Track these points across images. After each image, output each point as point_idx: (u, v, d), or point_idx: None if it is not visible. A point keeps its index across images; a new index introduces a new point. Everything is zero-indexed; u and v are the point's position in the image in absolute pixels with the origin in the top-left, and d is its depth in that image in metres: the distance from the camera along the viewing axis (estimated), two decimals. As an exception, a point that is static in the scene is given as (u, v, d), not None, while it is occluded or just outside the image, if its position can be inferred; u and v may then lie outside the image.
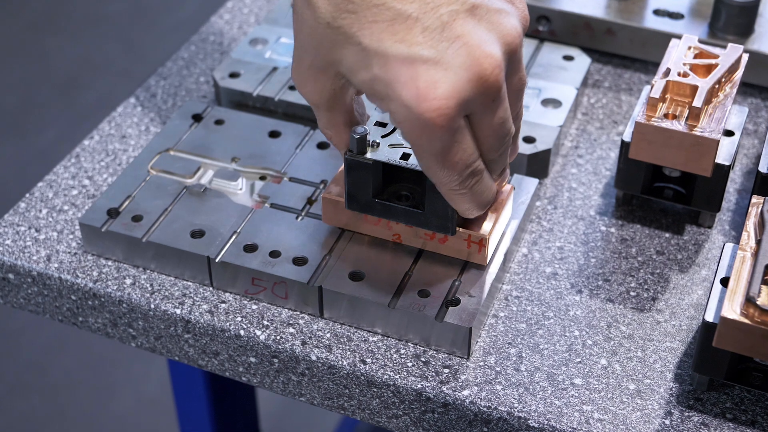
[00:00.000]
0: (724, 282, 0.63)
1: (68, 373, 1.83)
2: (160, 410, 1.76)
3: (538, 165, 0.78)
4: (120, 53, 2.55)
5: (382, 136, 0.66)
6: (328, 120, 0.65)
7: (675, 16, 0.90)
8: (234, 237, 0.71)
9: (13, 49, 2.56)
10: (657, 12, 0.90)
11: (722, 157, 0.72)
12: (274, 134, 0.79)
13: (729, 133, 0.74)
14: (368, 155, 0.65)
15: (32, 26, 2.64)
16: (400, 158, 0.65)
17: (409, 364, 0.66)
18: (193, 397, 0.98)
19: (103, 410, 1.79)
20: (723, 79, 0.73)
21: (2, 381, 1.80)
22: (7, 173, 2.20)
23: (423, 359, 0.66)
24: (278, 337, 0.68)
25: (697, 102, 0.70)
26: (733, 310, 0.59)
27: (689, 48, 0.75)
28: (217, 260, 0.69)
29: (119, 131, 0.84)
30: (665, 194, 0.75)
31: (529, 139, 0.78)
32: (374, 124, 0.67)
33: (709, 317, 0.61)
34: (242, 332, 0.68)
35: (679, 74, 0.72)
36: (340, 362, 0.66)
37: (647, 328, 0.68)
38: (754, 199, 0.67)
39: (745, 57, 0.75)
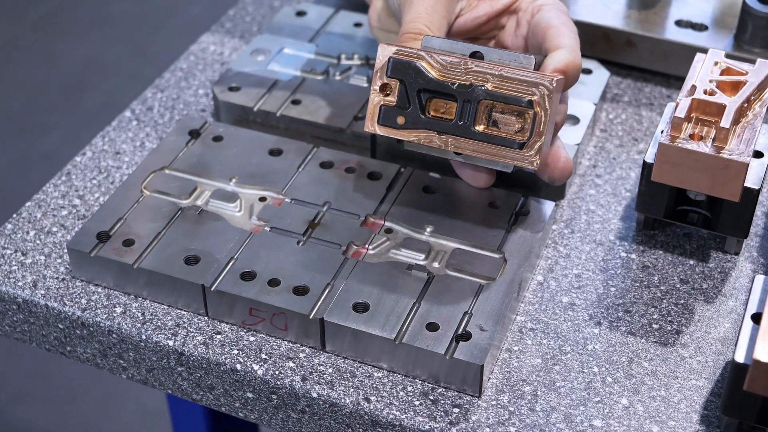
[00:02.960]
0: (756, 318, 0.59)
1: (70, 382, 1.79)
2: (163, 421, 1.73)
3: (554, 186, 0.74)
4: (126, 55, 2.52)
5: None
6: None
7: (698, 27, 0.85)
8: (231, 264, 0.67)
9: (18, 51, 2.53)
10: (679, 23, 0.86)
11: (751, 181, 0.67)
12: (275, 152, 0.75)
13: (758, 155, 0.70)
14: None
15: (37, 27, 2.60)
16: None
17: (417, 403, 0.62)
18: (191, 424, 0.94)
19: (105, 421, 1.75)
20: (752, 98, 0.68)
21: (4, 390, 1.77)
22: (11, 176, 2.16)
23: (431, 397, 0.62)
24: (277, 372, 0.63)
25: (725, 122, 0.65)
26: (766, 352, 0.55)
27: (715, 63, 0.71)
28: (212, 289, 0.65)
29: (113, 147, 0.80)
30: (689, 218, 0.71)
31: (544, 159, 0.74)
32: None
33: (740, 358, 0.57)
34: (239, 366, 0.64)
35: (705, 92, 0.68)
36: (343, 400, 0.62)
37: (671, 365, 0.64)
38: (787, 227, 0.62)
39: (776, 73, 0.70)
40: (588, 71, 0.82)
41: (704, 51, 0.79)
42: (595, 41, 0.85)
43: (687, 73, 0.71)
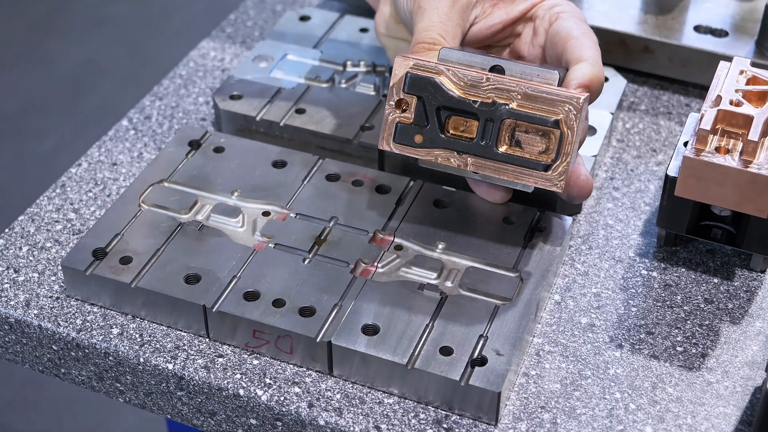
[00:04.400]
0: (789, 344, 0.56)
1: (66, 389, 1.77)
2: (160, 429, 1.70)
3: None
4: (124, 56, 2.49)
5: None
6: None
7: (718, 33, 0.82)
8: (233, 283, 0.63)
9: (15, 52, 2.50)
10: (698, 28, 0.82)
11: (779, 196, 0.64)
12: (278, 164, 0.72)
13: (786, 168, 0.66)
14: None
15: (34, 28, 2.57)
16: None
17: None
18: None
19: (101, 428, 1.73)
20: (781, 108, 0.65)
21: (-1, 397, 1.75)
22: (7, 180, 2.13)
23: (445, 425, 0.59)
24: (282, 398, 0.60)
25: (753, 135, 0.62)
26: (803, 382, 0.51)
27: (741, 72, 0.68)
28: (214, 310, 0.62)
29: (109, 158, 0.77)
30: (713, 234, 0.68)
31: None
32: None
33: (774, 387, 0.53)
34: (242, 391, 0.61)
35: (731, 102, 0.65)
36: (352, 428, 0.59)
37: (697, 390, 0.61)
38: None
39: (804, 82, 0.67)
40: (604, 79, 0.79)
41: (725, 58, 0.76)
42: (611, 48, 0.82)
43: (706, 81, 0.68)
